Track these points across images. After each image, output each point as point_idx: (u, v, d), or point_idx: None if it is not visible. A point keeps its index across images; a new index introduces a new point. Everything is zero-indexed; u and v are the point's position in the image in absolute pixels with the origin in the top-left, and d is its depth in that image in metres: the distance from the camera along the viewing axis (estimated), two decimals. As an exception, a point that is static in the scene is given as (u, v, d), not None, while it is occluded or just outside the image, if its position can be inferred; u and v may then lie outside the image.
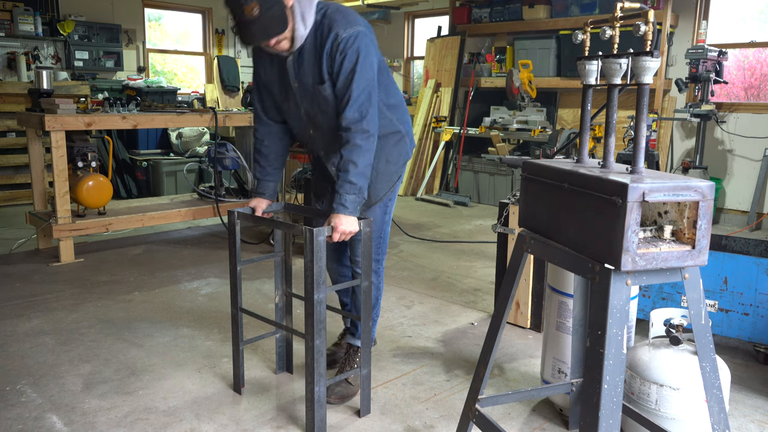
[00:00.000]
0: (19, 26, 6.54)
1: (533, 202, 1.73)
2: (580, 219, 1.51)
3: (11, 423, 2.19)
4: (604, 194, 1.41)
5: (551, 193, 1.63)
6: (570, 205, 1.55)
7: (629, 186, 1.34)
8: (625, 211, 1.34)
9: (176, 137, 7.16)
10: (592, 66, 1.70)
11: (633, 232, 1.35)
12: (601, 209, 1.42)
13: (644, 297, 2.99)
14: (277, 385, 2.52)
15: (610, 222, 1.38)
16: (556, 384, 1.92)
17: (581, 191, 1.51)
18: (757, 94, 5.99)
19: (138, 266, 4.14)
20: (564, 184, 1.57)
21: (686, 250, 1.44)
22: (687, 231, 1.47)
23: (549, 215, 1.64)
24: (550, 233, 1.66)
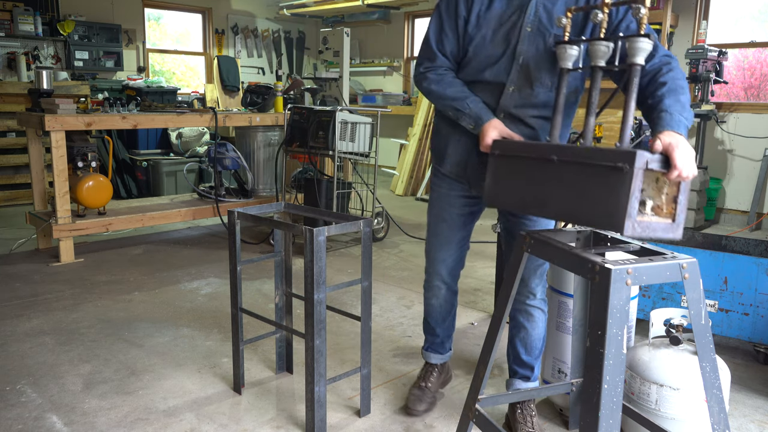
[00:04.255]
0: (19, 26, 6.54)
1: (507, 180, 1.75)
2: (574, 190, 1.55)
3: (11, 423, 2.19)
4: (609, 162, 1.46)
5: (534, 169, 1.66)
6: (560, 178, 1.59)
7: (637, 153, 1.41)
8: (631, 177, 1.40)
9: (176, 137, 7.16)
10: (573, 50, 1.73)
11: (636, 198, 1.41)
12: (604, 177, 1.47)
13: (644, 297, 2.99)
14: (277, 385, 2.52)
15: (614, 189, 1.43)
16: (556, 384, 1.92)
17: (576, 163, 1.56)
18: (757, 94, 5.99)
19: (138, 266, 4.14)
20: (552, 158, 1.61)
21: (668, 223, 1.52)
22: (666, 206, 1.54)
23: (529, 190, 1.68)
24: (532, 208, 1.70)
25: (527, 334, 2.14)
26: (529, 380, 2.20)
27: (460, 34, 1.95)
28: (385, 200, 5.16)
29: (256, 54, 9.03)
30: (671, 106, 1.63)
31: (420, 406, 2.28)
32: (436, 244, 2.20)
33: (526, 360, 2.17)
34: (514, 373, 2.22)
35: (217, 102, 8.25)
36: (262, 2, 8.90)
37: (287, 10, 8.75)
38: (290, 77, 8.99)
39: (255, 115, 4.99)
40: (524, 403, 2.15)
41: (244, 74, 8.73)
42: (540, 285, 2.11)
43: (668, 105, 1.63)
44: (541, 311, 2.13)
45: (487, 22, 1.90)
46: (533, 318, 2.12)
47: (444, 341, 2.40)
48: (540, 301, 2.12)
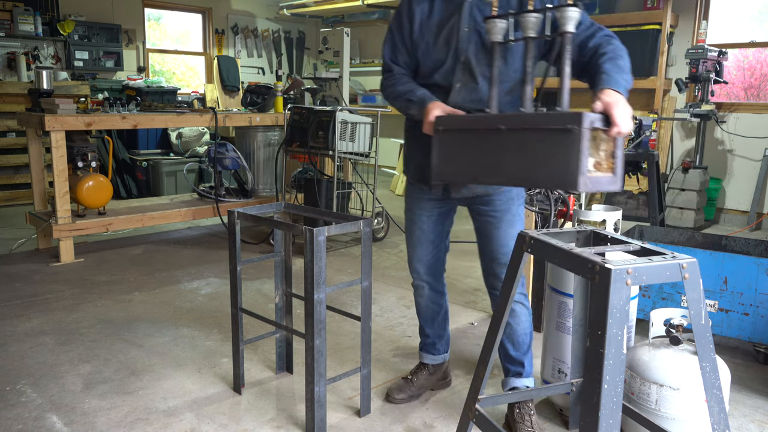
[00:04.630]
0: (19, 26, 6.54)
1: (454, 154, 1.84)
2: (525, 155, 1.65)
3: (11, 423, 2.19)
4: (558, 125, 1.56)
5: (482, 140, 1.75)
6: (510, 145, 1.69)
7: (583, 114, 1.51)
8: (580, 137, 1.51)
9: (176, 137, 7.16)
10: (501, 24, 1.83)
11: (586, 156, 1.53)
12: (554, 140, 1.57)
13: (644, 297, 2.99)
14: (277, 385, 2.52)
15: (565, 150, 1.54)
16: (556, 384, 1.92)
17: (525, 129, 1.66)
18: (757, 94, 5.99)
19: (138, 266, 4.14)
20: (500, 127, 1.69)
21: (610, 176, 1.64)
22: (606, 162, 1.64)
23: (481, 161, 1.76)
24: (482, 177, 1.81)
25: (512, 330, 2.18)
26: (521, 376, 2.22)
27: (408, 44, 2.09)
28: (385, 200, 5.17)
29: (256, 54, 9.03)
30: (610, 69, 1.73)
31: (399, 394, 2.35)
32: (411, 243, 2.32)
33: (514, 356, 2.21)
34: (507, 371, 2.26)
35: (217, 102, 8.25)
36: (262, 2, 8.90)
37: (287, 10, 8.75)
38: (290, 77, 8.99)
39: (255, 115, 4.99)
40: (522, 402, 2.17)
41: (244, 74, 8.72)
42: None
43: (607, 68, 1.74)
44: (522, 305, 2.18)
45: (429, 29, 2.04)
46: (515, 313, 2.17)
47: (435, 342, 2.43)
48: (520, 295, 2.18)
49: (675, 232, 3.34)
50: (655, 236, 3.32)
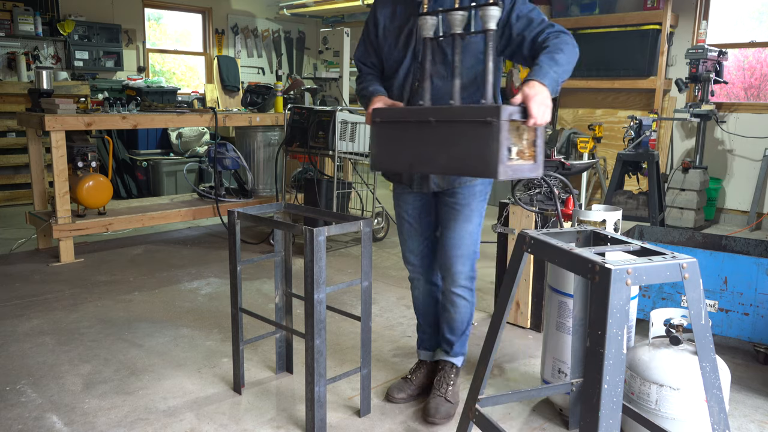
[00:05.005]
0: (19, 26, 6.54)
1: (391, 145, 1.95)
2: (452, 146, 1.76)
3: (11, 423, 2.20)
4: (479, 118, 1.67)
5: (414, 131, 1.86)
6: (439, 137, 1.80)
7: (501, 107, 1.64)
8: (499, 129, 1.63)
9: (176, 137, 7.16)
10: (432, 20, 1.93)
11: (506, 146, 1.65)
12: (476, 132, 1.68)
13: (644, 297, 2.99)
14: (277, 385, 2.52)
15: (486, 140, 1.66)
16: (556, 384, 1.92)
17: (451, 121, 1.76)
18: (757, 94, 5.99)
19: (138, 266, 4.14)
20: (430, 119, 1.80)
21: (532, 164, 1.76)
22: (528, 150, 1.76)
23: (414, 152, 1.87)
24: (415, 167, 1.93)
25: (450, 317, 2.32)
26: (449, 354, 2.38)
27: (375, 46, 2.26)
28: (385, 200, 5.16)
29: (256, 54, 9.03)
30: (543, 61, 1.85)
31: (399, 394, 2.39)
32: (402, 238, 2.41)
33: (448, 337, 2.36)
34: (440, 345, 2.43)
35: (217, 102, 8.25)
36: (262, 2, 8.90)
37: (287, 10, 8.75)
38: (290, 77, 8.99)
39: (255, 115, 4.99)
40: (445, 369, 2.35)
41: (244, 74, 8.72)
42: (462, 274, 2.23)
43: (541, 60, 1.85)
44: (464, 299, 2.28)
45: (390, 32, 2.19)
46: (455, 304, 2.29)
47: (432, 336, 2.47)
48: (462, 288, 2.27)
49: (675, 232, 3.34)
50: (655, 236, 3.32)
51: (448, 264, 2.24)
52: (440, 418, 2.22)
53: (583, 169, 3.80)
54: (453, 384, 2.34)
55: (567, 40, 1.92)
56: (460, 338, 2.35)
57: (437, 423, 2.22)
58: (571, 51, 1.91)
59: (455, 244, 2.20)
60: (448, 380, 2.33)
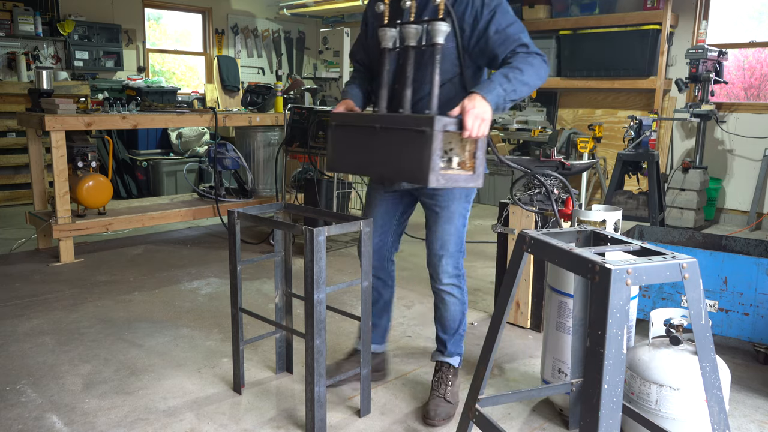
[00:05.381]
0: (19, 26, 6.54)
1: (344, 147, 2.07)
2: (393, 152, 1.87)
3: (11, 423, 2.20)
4: (415, 127, 1.78)
5: (363, 136, 1.98)
6: (382, 142, 1.91)
7: (435, 118, 1.73)
8: (431, 138, 1.72)
9: (176, 137, 7.16)
10: (391, 32, 2.01)
11: (437, 156, 1.74)
12: (413, 140, 1.79)
13: (644, 297, 2.99)
14: (277, 385, 2.52)
15: (420, 149, 1.76)
16: (556, 384, 1.92)
17: (393, 129, 1.87)
18: (757, 94, 6.00)
19: (138, 266, 4.14)
20: (376, 126, 1.92)
21: (470, 174, 1.85)
22: (468, 161, 1.85)
23: (362, 155, 2.00)
24: (364, 170, 2.06)
25: (441, 315, 2.34)
26: (443, 354, 2.39)
27: (364, 45, 2.31)
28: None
29: (256, 54, 9.03)
30: (496, 76, 1.90)
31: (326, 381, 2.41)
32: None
33: (441, 337, 2.38)
34: (436, 346, 2.43)
35: (217, 102, 8.25)
36: (262, 2, 8.90)
37: (287, 10, 8.75)
38: (290, 77, 8.99)
39: (255, 115, 4.99)
40: (442, 369, 2.35)
41: (244, 74, 8.72)
42: (446, 271, 2.25)
43: (495, 75, 1.91)
44: (451, 295, 2.29)
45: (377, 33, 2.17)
46: (444, 301, 2.31)
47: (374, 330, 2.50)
48: (449, 285, 2.28)
49: (675, 232, 3.34)
50: (655, 236, 3.32)
51: (432, 263, 2.27)
52: (440, 420, 2.22)
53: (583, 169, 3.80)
54: (451, 384, 2.34)
55: (532, 62, 1.94)
56: (453, 337, 2.36)
57: (437, 424, 2.22)
58: (531, 72, 1.93)
59: (438, 245, 2.24)
60: (446, 381, 2.34)
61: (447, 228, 2.22)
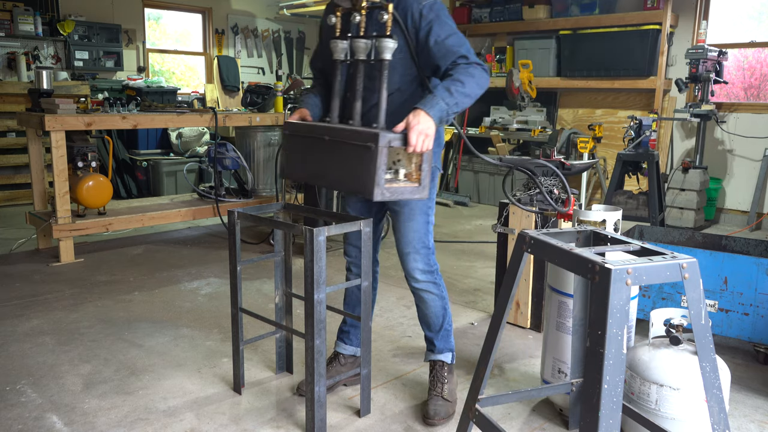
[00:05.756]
0: (19, 26, 6.53)
1: (296, 156, 2.13)
2: (341, 164, 1.93)
3: (11, 423, 2.20)
4: (361, 142, 1.83)
5: (314, 146, 2.03)
6: (331, 154, 1.97)
7: (380, 134, 1.78)
8: (377, 154, 1.78)
9: (176, 137, 7.16)
10: (342, 44, 2.05)
11: (383, 170, 1.80)
12: (359, 154, 1.84)
13: (644, 297, 2.99)
14: (277, 385, 2.52)
15: (366, 163, 1.81)
16: (556, 384, 1.92)
17: (341, 142, 1.92)
18: (757, 94, 6.00)
19: (138, 266, 4.14)
20: (324, 137, 1.97)
21: (415, 186, 1.92)
22: (415, 173, 1.92)
23: (313, 165, 2.06)
24: (315, 179, 2.11)
25: (423, 314, 2.37)
26: (434, 352, 2.39)
27: (321, 53, 2.31)
28: (385, 200, 5.17)
29: (256, 54, 9.03)
30: (438, 90, 1.95)
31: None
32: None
33: (428, 335, 2.39)
34: (426, 346, 2.44)
35: (217, 102, 8.25)
36: (262, 2, 8.90)
37: (287, 10, 8.75)
38: (290, 77, 8.99)
39: (255, 115, 4.99)
40: (437, 368, 2.36)
41: (244, 74, 8.72)
42: (417, 269, 2.27)
43: (438, 89, 1.95)
44: (429, 292, 2.31)
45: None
46: (423, 299, 2.33)
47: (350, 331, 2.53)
48: (425, 283, 2.30)
49: (675, 232, 3.34)
50: (655, 236, 3.32)
51: (402, 262, 2.30)
52: (439, 419, 2.22)
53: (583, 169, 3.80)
54: (448, 382, 2.34)
55: (473, 73, 1.98)
56: (438, 334, 2.36)
57: (436, 424, 2.22)
58: (473, 83, 1.97)
59: (403, 243, 2.26)
60: (442, 379, 2.35)
61: (409, 225, 2.24)
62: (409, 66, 2.09)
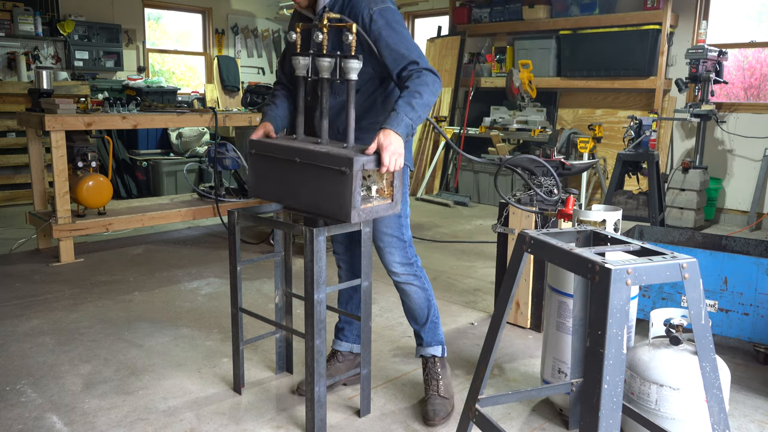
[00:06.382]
0: (19, 26, 6.54)
1: (265, 175, 2.11)
2: (313, 186, 1.93)
3: (11, 423, 2.20)
4: (334, 166, 1.84)
5: (284, 167, 2.02)
6: (303, 176, 1.96)
7: (354, 159, 1.80)
8: (352, 178, 1.80)
9: (176, 137, 7.16)
10: (304, 61, 2.04)
11: (358, 194, 1.83)
12: (332, 178, 1.86)
13: (644, 297, 2.99)
14: (277, 385, 2.52)
15: (340, 187, 1.83)
16: (556, 384, 1.92)
17: (312, 164, 1.92)
18: (757, 94, 6.00)
19: (138, 266, 4.14)
20: (295, 159, 1.97)
21: (389, 203, 1.96)
22: (387, 189, 1.97)
23: (283, 186, 2.04)
24: (284, 200, 2.10)
25: (408, 307, 2.37)
26: (423, 347, 2.40)
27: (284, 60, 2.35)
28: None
29: (256, 54, 9.03)
30: (400, 106, 1.96)
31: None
32: None
33: (415, 329, 2.40)
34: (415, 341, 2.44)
35: (217, 102, 8.25)
36: (262, 2, 8.90)
37: (287, 10, 8.75)
38: (290, 77, 8.96)
39: (255, 115, 4.99)
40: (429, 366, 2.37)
41: (244, 74, 8.72)
42: (395, 262, 2.28)
43: (399, 105, 1.97)
44: (410, 284, 2.32)
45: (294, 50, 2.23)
46: (406, 292, 2.33)
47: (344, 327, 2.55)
48: (405, 275, 2.30)
49: (675, 232, 3.34)
50: (655, 236, 3.32)
51: (380, 256, 2.31)
52: (440, 419, 2.23)
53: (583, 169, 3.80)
54: (442, 377, 2.35)
55: (427, 81, 2.01)
56: (425, 326, 2.37)
57: (438, 424, 2.22)
58: (428, 91, 2.00)
59: (378, 238, 2.27)
60: (436, 376, 2.36)
61: (381, 220, 2.25)
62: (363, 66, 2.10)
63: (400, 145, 1.92)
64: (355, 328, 2.52)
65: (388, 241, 2.26)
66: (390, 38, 2.04)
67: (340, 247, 2.46)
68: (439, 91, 2.06)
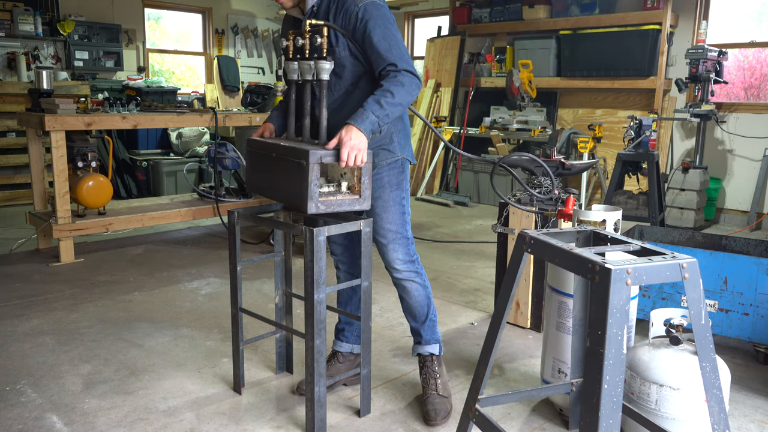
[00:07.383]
0: (19, 26, 6.54)
1: (257, 170, 2.25)
2: (285, 179, 2.05)
3: (11, 423, 2.20)
4: (295, 159, 1.96)
5: (267, 162, 2.15)
6: (278, 169, 2.09)
7: (310, 152, 1.90)
8: (308, 170, 1.90)
9: (176, 137, 7.16)
10: (294, 65, 2.15)
11: (315, 185, 1.92)
12: (295, 170, 1.97)
13: (644, 297, 2.99)
14: (277, 385, 2.52)
15: (300, 179, 1.94)
16: (556, 384, 1.92)
17: (283, 158, 2.04)
18: (757, 94, 6.00)
19: (138, 266, 4.14)
20: (272, 154, 2.11)
21: (355, 198, 2.04)
22: (356, 185, 2.04)
23: (267, 180, 2.19)
24: (268, 193, 2.21)
25: (408, 305, 2.37)
26: (421, 345, 2.40)
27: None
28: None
29: (256, 54, 9.03)
30: (369, 103, 2.02)
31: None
32: None
33: (413, 326, 2.40)
34: (413, 339, 2.43)
35: (217, 102, 8.25)
36: (262, 2, 8.90)
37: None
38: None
39: (255, 115, 4.99)
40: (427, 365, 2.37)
41: (244, 74, 8.72)
42: (397, 259, 2.28)
43: (368, 102, 2.02)
44: (412, 281, 2.32)
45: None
46: (406, 289, 2.33)
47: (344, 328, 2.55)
48: (406, 272, 2.31)
49: (675, 232, 3.34)
50: (655, 236, 3.32)
51: (381, 253, 2.31)
52: (440, 418, 2.23)
53: (583, 169, 3.80)
54: (439, 376, 2.36)
55: (402, 81, 2.04)
56: (424, 324, 2.37)
57: (438, 424, 2.22)
58: (402, 92, 2.03)
59: (380, 235, 2.28)
60: (434, 374, 2.36)
61: (384, 217, 2.25)
62: (356, 63, 2.15)
63: (360, 141, 1.96)
64: (355, 328, 2.52)
65: (393, 237, 2.26)
66: (374, 36, 2.06)
67: (338, 248, 2.46)
68: (416, 91, 2.08)
